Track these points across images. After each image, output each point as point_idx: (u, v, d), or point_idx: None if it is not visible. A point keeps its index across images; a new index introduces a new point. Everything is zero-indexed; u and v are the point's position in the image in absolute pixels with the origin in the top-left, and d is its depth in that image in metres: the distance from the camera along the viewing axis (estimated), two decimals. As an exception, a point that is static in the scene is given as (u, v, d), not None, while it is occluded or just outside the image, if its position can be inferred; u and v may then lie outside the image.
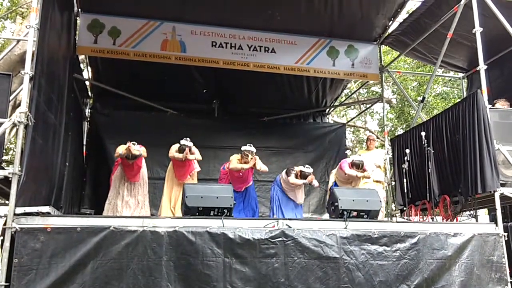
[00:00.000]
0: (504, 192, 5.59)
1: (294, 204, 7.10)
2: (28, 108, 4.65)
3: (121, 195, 6.54)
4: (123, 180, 6.61)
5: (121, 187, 6.58)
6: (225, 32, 8.40)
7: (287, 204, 7.05)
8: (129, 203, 6.51)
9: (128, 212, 6.43)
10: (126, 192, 6.56)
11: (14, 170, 4.42)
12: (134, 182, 6.64)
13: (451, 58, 8.71)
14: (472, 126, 5.84)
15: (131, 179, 6.61)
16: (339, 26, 8.54)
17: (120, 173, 6.63)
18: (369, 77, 9.38)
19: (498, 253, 5.33)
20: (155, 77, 8.91)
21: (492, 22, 6.36)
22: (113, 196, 6.56)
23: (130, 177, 6.59)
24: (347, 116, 17.98)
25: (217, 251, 4.70)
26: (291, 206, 7.07)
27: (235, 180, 6.84)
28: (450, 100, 13.57)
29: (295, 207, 7.11)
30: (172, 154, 6.70)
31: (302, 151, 9.89)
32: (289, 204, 7.07)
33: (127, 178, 6.61)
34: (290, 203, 7.08)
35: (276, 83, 9.69)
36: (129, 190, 6.58)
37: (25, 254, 4.28)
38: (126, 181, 6.61)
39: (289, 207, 7.05)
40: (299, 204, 7.17)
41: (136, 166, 6.57)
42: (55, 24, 5.71)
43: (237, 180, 6.85)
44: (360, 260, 4.99)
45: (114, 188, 6.59)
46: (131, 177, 6.60)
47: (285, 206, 7.01)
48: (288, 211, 6.98)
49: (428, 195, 6.46)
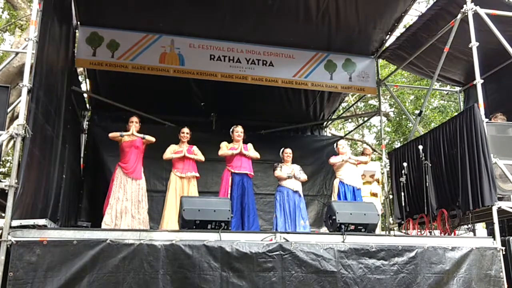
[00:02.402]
0: (501, 206, 5.59)
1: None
2: (25, 120, 4.64)
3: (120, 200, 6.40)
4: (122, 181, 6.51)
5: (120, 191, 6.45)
6: (223, 46, 8.46)
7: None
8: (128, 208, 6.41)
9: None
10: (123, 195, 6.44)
11: (11, 182, 4.40)
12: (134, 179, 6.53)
13: (448, 72, 8.78)
14: (470, 140, 5.86)
15: (130, 173, 6.51)
16: (336, 40, 8.61)
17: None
18: (367, 90, 9.42)
19: (496, 267, 5.31)
20: (153, 90, 8.93)
21: (488, 36, 6.41)
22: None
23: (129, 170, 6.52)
24: (344, 129, 18.03)
25: (214, 265, 4.67)
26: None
27: (233, 160, 6.87)
28: (448, 114, 13.64)
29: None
30: (166, 156, 6.79)
31: (299, 164, 9.81)
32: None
33: (125, 174, 6.50)
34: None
35: (274, 96, 9.72)
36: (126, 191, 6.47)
37: (21, 268, 4.23)
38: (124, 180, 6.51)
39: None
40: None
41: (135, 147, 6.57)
42: (54, 37, 5.74)
43: (235, 161, 6.86)
44: (358, 274, 4.96)
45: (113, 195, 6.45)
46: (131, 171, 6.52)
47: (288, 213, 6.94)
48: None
49: (426, 208, 6.45)
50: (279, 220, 6.82)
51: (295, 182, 7.05)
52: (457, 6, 6.77)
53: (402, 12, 8.07)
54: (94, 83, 9.21)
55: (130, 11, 7.64)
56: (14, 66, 8.76)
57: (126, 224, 6.33)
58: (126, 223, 6.34)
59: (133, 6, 7.51)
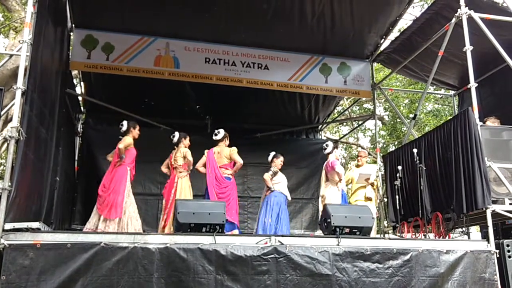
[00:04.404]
0: (495, 209, 5.61)
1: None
2: (19, 123, 4.62)
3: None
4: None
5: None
6: (218, 49, 8.47)
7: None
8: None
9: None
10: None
11: (4, 185, 4.37)
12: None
13: (443, 75, 8.81)
14: (464, 143, 5.88)
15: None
16: (331, 44, 8.64)
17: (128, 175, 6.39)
18: (361, 94, 9.45)
19: (490, 270, 5.32)
20: (148, 92, 8.92)
21: (482, 41, 6.44)
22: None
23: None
24: (339, 132, 18.07)
25: (209, 268, 4.65)
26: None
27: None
28: (442, 118, 13.69)
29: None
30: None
31: (294, 167, 9.88)
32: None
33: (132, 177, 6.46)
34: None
35: (269, 99, 9.73)
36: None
37: (13, 271, 4.20)
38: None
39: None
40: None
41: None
42: (49, 39, 5.72)
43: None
44: (353, 277, 4.95)
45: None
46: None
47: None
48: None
49: (421, 212, 6.46)
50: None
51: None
52: (451, 10, 6.80)
53: (396, 16, 8.12)
54: (89, 86, 9.19)
55: (125, 13, 7.64)
56: (8, 69, 8.73)
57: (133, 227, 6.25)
58: (133, 226, 6.26)
59: (128, 9, 7.51)
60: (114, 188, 6.15)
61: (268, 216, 6.77)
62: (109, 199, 6.07)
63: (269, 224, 6.71)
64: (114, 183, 6.18)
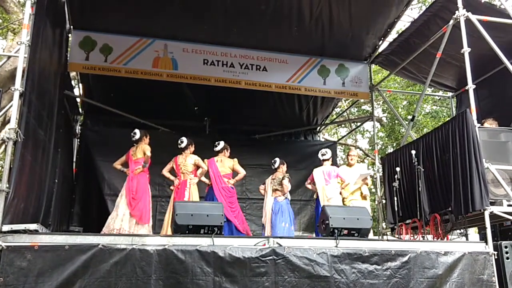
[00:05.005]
0: (493, 210, 5.62)
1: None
2: (17, 125, 4.62)
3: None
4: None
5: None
6: (217, 50, 8.46)
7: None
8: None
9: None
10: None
11: (2, 186, 4.36)
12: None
13: (440, 77, 8.83)
14: (462, 145, 5.88)
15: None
16: (330, 46, 8.65)
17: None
18: (360, 95, 9.45)
19: (488, 272, 5.33)
20: (147, 94, 8.91)
21: (480, 42, 6.46)
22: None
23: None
24: (338, 134, 18.06)
25: (207, 270, 4.65)
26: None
27: None
28: (440, 119, 13.69)
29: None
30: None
31: (293, 169, 9.82)
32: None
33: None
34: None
35: (268, 101, 9.73)
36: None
37: (11, 273, 4.19)
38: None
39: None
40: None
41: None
42: (47, 40, 5.71)
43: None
44: (351, 279, 4.95)
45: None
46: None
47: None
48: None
49: (419, 213, 6.46)
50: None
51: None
52: (449, 12, 6.82)
53: (395, 18, 8.12)
54: (87, 88, 9.18)
55: (123, 15, 7.63)
56: (6, 70, 8.70)
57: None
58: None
59: (126, 11, 7.50)
60: (142, 196, 6.49)
61: (286, 222, 6.89)
62: (140, 206, 6.40)
63: (287, 229, 6.83)
64: (141, 191, 6.49)
